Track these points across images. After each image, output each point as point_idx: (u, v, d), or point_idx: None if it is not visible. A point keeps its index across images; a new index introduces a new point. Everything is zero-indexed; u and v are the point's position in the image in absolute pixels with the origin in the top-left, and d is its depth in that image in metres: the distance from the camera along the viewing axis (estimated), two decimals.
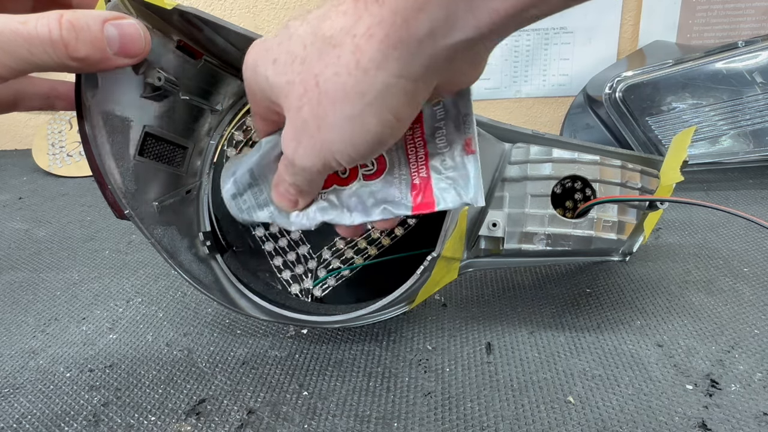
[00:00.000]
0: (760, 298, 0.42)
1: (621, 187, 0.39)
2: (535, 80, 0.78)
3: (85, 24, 0.27)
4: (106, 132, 0.32)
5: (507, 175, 0.40)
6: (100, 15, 0.27)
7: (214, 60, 0.37)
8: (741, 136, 0.60)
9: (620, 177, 0.39)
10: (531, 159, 0.40)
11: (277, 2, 0.78)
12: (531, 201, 0.39)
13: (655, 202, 0.39)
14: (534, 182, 0.39)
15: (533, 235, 0.39)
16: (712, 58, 0.59)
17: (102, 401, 0.36)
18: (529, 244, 0.39)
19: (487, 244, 0.40)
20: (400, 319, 0.43)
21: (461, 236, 0.38)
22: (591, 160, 0.39)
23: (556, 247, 0.38)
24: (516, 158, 0.40)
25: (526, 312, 0.43)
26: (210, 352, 0.40)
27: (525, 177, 0.40)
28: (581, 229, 0.38)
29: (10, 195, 0.73)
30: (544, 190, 0.39)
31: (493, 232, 0.39)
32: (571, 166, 0.39)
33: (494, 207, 0.39)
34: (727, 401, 0.33)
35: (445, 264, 0.37)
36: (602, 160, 0.39)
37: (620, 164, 0.40)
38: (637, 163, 0.41)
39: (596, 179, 0.39)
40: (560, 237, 0.38)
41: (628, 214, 0.39)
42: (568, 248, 0.38)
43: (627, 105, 0.61)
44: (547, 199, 0.39)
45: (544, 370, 0.36)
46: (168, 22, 0.33)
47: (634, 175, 0.40)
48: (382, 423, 0.33)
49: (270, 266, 0.43)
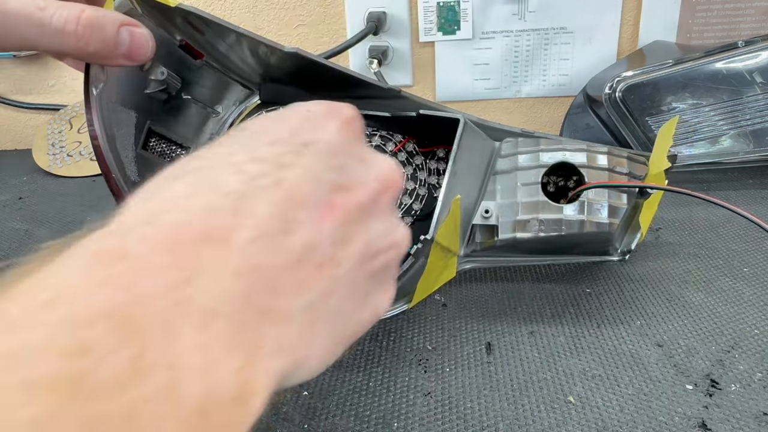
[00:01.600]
0: (760, 298, 0.42)
1: (609, 172, 0.40)
2: (535, 80, 0.78)
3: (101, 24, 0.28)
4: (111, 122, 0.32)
5: (498, 169, 0.42)
6: (118, 19, 0.29)
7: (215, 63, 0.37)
8: (741, 136, 0.60)
9: (607, 162, 0.40)
10: (520, 150, 0.41)
11: (277, 2, 0.79)
12: (522, 190, 0.40)
13: (645, 189, 0.40)
14: (524, 172, 0.41)
15: (526, 223, 0.40)
16: (712, 58, 0.59)
17: None
18: (524, 232, 0.40)
19: (482, 236, 0.41)
20: (400, 319, 0.43)
21: (456, 225, 0.38)
22: (577, 148, 0.41)
23: (550, 233, 0.39)
24: (506, 151, 0.42)
25: (526, 312, 0.43)
26: None
27: (515, 168, 0.41)
28: (573, 213, 0.39)
29: (10, 195, 0.73)
30: (535, 179, 0.40)
31: (487, 219, 0.40)
32: (559, 154, 0.40)
33: (487, 199, 0.41)
34: (727, 401, 0.33)
35: (442, 255, 0.38)
36: (588, 147, 0.41)
37: (606, 150, 0.41)
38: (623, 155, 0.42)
39: (584, 164, 0.40)
40: (553, 222, 0.39)
41: (618, 198, 0.40)
42: (561, 233, 0.39)
43: (627, 105, 0.61)
44: (537, 187, 0.40)
45: (544, 370, 0.36)
46: (171, 22, 0.33)
47: (621, 161, 0.41)
48: (382, 423, 0.33)
49: None
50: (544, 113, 0.80)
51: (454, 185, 0.38)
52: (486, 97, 0.79)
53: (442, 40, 0.77)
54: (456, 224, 0.38)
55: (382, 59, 0.77)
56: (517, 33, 0.75)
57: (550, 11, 0.73)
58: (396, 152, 0.44)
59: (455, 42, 0.76)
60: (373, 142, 0.44)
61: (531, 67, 0.77)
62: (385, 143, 0.44)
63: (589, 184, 0.39)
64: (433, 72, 0.79)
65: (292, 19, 0.79)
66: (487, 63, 0.77)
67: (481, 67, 0.78)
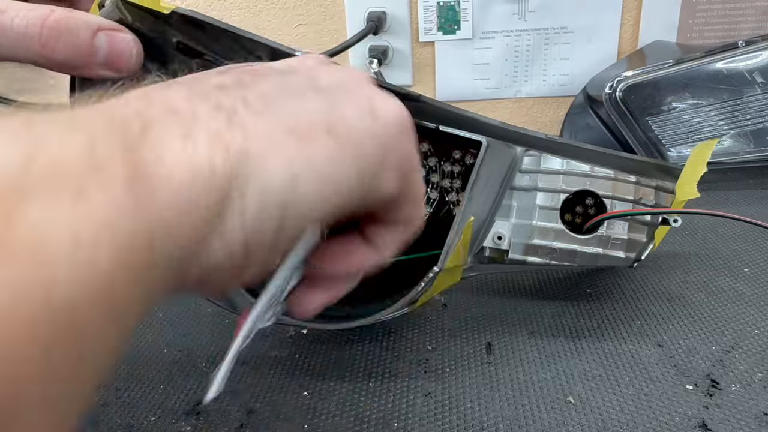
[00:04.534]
0: (760, 298, 0.42)
1: (634, 204, 0.38)
2: (535, 80, 0.78)
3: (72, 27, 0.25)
4: None
5: (516, 184, 0.39)
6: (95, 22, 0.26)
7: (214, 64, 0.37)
8: (741, 136, 0.60)
9: (633, 194, 0.38)
10: (542, 169, 0.38)
11: (277, 2, 0.78)
12: (539, 213, 0.38)
13: (666, 217, 0.38)
14: (544, 194, 0.38)
15: (539, 248, 0.38)
16: (713, 58, 0.59)
17: (102, 401, 0.36)
18: (535, 257, 0.38)
19: (491, 253, 0.39)
20: (400, 319, 0.42)
21: (465, 246, 0.37)
22: (605, 175, 0.38)
23: (562, 263, 0.38)
24: (527, 167, 0.39)
25: (526, 312, 0.43)
26: (210, 352, 0.40)
27: (535, 187, 0.38)
28: (589, 246, 0.38)
29: None
30: (554, 203, 0.38)
31: (499, 245, 0.38)
32: (584, 180, 0.38)
33: (501, 216, 0.39)
34: (727, 401, 0.33)
35: (449, 274, 0.37)
36: (616, 175, 0.38)
37: (635, 180, 0.39)
38: (652, 176, 0.40)
39: (608, 195, 0.38)
40: (566, 253, 0.38)
41: (638, 232, 0.38)
42: (574, 264, 0.38)
43: (627, 105, 0.61)
44: (556, 213, 0.38)
45: (544, 371, 0.36)
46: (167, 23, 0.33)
47: (648, 192, 0.39)
48: (382, 423, 0.33)
49: None
50: (544, 113, 0.80)
51: (469, 211, 0.36)
52: (486, 97, 0.79)
53: (442, 39, 0.76)
54: (466, 245, 0.37)
55: (382, 59, 0.77)
56: (517, 33, 0.75)
57: (551, 11, 0.73)
58: None
59: (455, 42, 0.76)
60: None
61: (531, 67, 0.77)
62: None
63: (609, 213, 0.38)
64: (433, 72, 0.79)
65: (292, 19, 0.79)
66: (487, 63, 0.77)
67: (481, 67, 0.78)
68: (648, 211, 0.38)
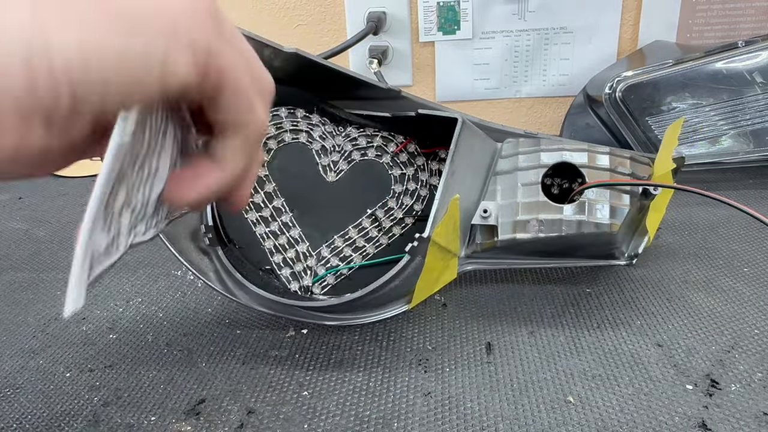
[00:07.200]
0: (760, 298, 0.42)
1: (610, 172, 0.40)
2: (535, 80, 0.78)
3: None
4: None
5: (499, 169, 0.42)
6: None
7: None
8: (741, 136, 0.60)
9: (608, 162, 0.40)
10: (520, 151, 0.41)
11: (277, 2, 0.78)
12: (522, 190, 0.40)
13: (648, 190, 0.39)
14: (524, 172, 0.41)
15: (526, 223, 0.39)
16: (712, 58, 0.59)
17: (102, 401, 0.36)
18: (523, 233, 0.39)
19: (482, 237, 0.41)
20: (400, 319, 0.43)
21: (455, 224, 0.38)
22: (578, 148, 0.40)
23: (550, 234, 0.39)
24: (507, 152, 0.42)
25: (526, 312, 0.43)
26: (210, 352, 0.40)
27: (516, 168, 0.41)
28: (573, 213, 0.39)
29: (10, 195, 0.73)
30: (534, 179, 0.40)
31: (485, 219, 0.40)
32: (559, 154, 0.40)
33: (488, 200, 0.41)
34: (727, 401, 0.33)
35: (441, 256, 0.37)
36: (589, 147, 0.41)
37: (608, 150, 0.41)
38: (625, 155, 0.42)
39: (585, 164, 0.40)
40: (552, 222, 0.39)
41: (620, 199, 0.40)
42: (561, 234, 0.39)
43: (627, 105, 0.61)
44: (537, 187, 0.40)
45: (544, 370, 0.36)
46: None
47: (623, 161, 0.40)
48: (382, 423, 0.33)
49: (269, 262, 0.43)
50: (544, 113, 0.80)
51: (452, 184, 0.38)
52: (486, 97, 0.79)
53: (442, 40, 0.77)
54: (455, 224, 0.38)
55: (382, 59, 0.77)
56: (517, 33, 0.75)
57: (550, 11, 0.73)
58: (397, 153, 0.44)
59: (455, 42, 0.76)
60: (374, 142, 0.44)
61: (531, 67, 0.77)
62: (386, 144, 0.44)
63: (589, 184, 0.39)
64: (433, 72, 0.79)
65: (292, 19, 0.79)
66: (487, 63, 0.77)
67: (481, 67, 0.78)
68: (629, 182, 0.39)
